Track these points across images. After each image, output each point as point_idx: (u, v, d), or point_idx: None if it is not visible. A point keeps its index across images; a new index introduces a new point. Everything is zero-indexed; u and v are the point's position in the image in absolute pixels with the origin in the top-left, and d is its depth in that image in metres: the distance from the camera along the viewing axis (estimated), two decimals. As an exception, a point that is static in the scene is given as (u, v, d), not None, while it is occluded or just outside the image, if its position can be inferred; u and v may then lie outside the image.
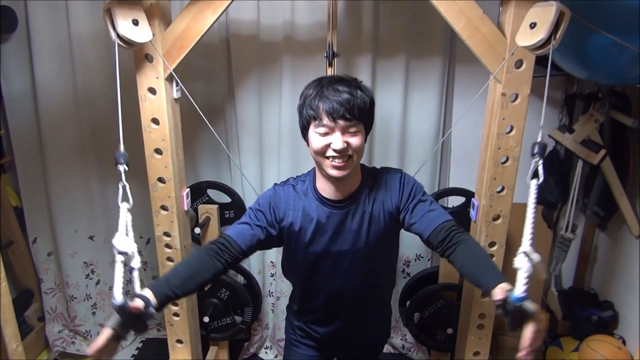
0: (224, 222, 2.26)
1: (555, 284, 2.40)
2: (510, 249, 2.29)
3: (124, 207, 1.19)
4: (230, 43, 2.14)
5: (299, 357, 1.52)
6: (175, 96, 1.60)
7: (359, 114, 1.15)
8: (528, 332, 0.92)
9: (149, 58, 1.49)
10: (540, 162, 1.14)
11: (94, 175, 2.34)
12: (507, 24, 1.39)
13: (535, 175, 1.14)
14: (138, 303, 1.05)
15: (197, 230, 2.10)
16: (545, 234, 2.28)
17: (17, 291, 2.48)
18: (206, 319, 2.16)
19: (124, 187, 1.20)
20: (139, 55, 1.49)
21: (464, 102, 2.15)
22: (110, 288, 2.54)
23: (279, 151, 2.21)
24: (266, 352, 2.53)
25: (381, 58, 2.11)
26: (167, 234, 1.71)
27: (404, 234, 2.10)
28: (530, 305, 0.91)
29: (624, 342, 2.03)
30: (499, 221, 1.60)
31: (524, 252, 1.00)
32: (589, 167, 2.04)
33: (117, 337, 1.05)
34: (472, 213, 1.67)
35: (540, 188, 2.21)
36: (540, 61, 1.45)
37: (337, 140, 1.15)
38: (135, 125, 1.60)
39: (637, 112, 1.92)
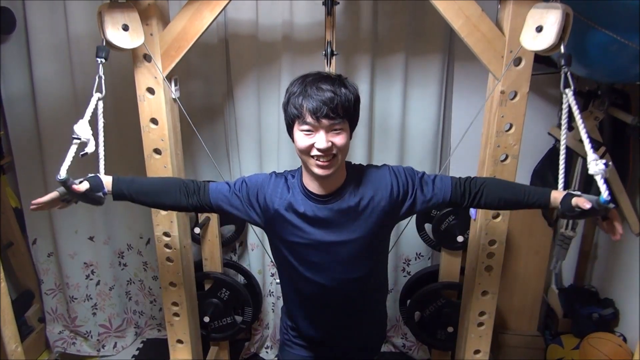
0: (223, 221, 2.26)
1: (555, 281, 2.39)
2: (510, 247, 2.30)
3: (96, 96, 1.31)
4: (229, 43, 2.13)
5: (292, 357, 1.52)
6: (174, 96, 1.60)
7: (343, 112, 1.15)
8: (617, 223, 1.14)
9: (147, 58, 1.49)
10: (568, 71, 1.18)
11: (94, 175, 2.34)
12: (506, 22, 1.39)
13: (567, 84, 1.18)
14: (81, 187, 1.22)
15: (197, 230, 2.10)
16: (545, 232, 2.27)
17: (17, 292, 2.48)
18: (207, 319, 2.16)
19: (99, 78, 1.31)
20: (137, 55, 1.49)
21: (463, 100, 2.15)
22: (111, 289, 2.54)
23: (278, 150, 2.21)
24: (267, 352, 2.53)
25: (380, 57, 2.10)
26: (166, 234, 1.71)
27: (404, 233, 2.10)
28: (612, 204, 1.11)
29: (624, 340, 2.03)
30: (499, 219, 1.60)
31: (594, 160, 1.12)
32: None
33: (65, 200, 1.23)
34: (472, 211, 1.67)
35: (540, 186, 2.21)
36: (540, 59, 1.45)
37: (321, 140, 1.14)
38: (134, 125, 1.60)
39: (637, 109, 1.92)
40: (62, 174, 1.19)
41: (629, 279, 2.04)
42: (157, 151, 1.60)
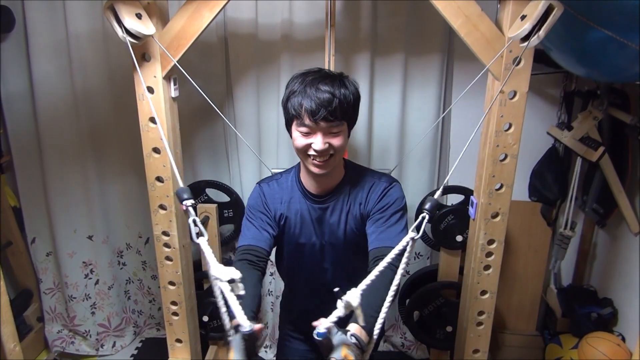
0: (222, 221, 2.26)
1: (554, 281, 2.40)
2: (509, 246, 2.30)
3: (203, 241, 1.06)
4: (229, 42, 2.13)
5: (291, 351, 1.53)
6: (173, 95, 1.60)
7: (342, 114, 1.15)
8: None
9: (146, 57, 1.49)
10: (427, 217, 1.04)
11: (93, 174, 2.34)
12: (505, 21, 1.39)
13: (417, 228, 1.02)
14: (258, 325, 1.01)
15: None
16: (544, 232, 2.28)
17: (16, 291, 2.48)
18: (205, 318, 2.16)
19: (194, 222, 1.06)
20: (136, 53, 1.48)
21: (462, 100, 2.14)
22: (110, 288, 2.53)
23: (278, 150, 2.21)
24: (265, 352, 2.53)
25: (379, 56, 2.10)
26: (165, 233, 1.71)
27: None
28: (331, 344, 0.92)
29: (623, 339, 2.03)
30: (498, 219, 1.60)
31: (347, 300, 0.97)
32: (588, 164, 2.04)
33: None
34: (471, 211, 1.67)
35: (539, 186, 2.20)
36: (539, 59, 1.45)
37: (318, 142, 1.15)
38: (134, 124, 1.60)
39: (636, 109, 1.92)
40: (246, 323, 0.95)
41: (627, 279, 2.04)
42: (156, 150, 1.60)
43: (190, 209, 1.08)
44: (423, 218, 1.02)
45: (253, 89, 2.17)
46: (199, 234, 1.03)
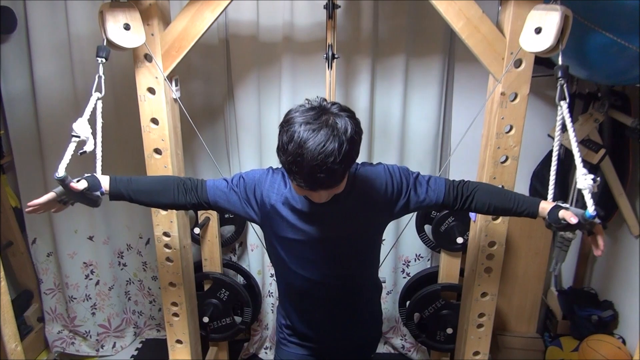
0: (223, 222, 2.26)
1: (555, 283, 2.39)
2: (510, 248, 2.30)
3: (95, 95, 1.31)
4: (230, 43, 2.13)
5: (288, 355, 1.52)
6: (174, 96, 1.60)
7: (342, 177, 1.11)
8: (600, 239, 1.16)
9: (147, 58, 1.49)
10: (565, 83, 1.19)
11: (94, 175, 2.34)
12: (506, 24, 1.39)
13: (562, 97, 1.19)
14: (79, 185, 1.20)
15: (197, 230, 2.11)
16: (545, 234, 2.28)
17: (16, 292, 2.48)
18: (206, 319, 2.16)
19: (99, 78, 1.31)
20: (137, 55, 1.49)
21: (463, 101, 2.15)
22: (110, 289, 2.54)
23: (279, 151, 2.21)
24: (266, 353, 2.53)
25: (381, 58, 2.11)
26: (166, 234, 1.71)
27: (403, 234, 2.09)
28: (598, 219, 1.15)
29: (624, 342, 2.03)
30: (499, 221, 1.60)
31: (583, 174, 1.15)
32: (589, 166, 2.04)
33: (61, 201, 1.23)
34: (472, 213, 1.67)
35: (540, 188, 2.20)
36: (540, 61, 1.46)
37: (320, 197, 1.14)
38: (135, 125, 1.60)
39: (637, 111, 1.92)
40: (61, 172, 1.18)
41: (628, 281, 2.04)
42: (157, 151, 1.61)
43: (101, 66, 1.33)
44: (562, 85, 1.19)
45: (254, 90, 2.17)
46: (97, 90, 1.31)
